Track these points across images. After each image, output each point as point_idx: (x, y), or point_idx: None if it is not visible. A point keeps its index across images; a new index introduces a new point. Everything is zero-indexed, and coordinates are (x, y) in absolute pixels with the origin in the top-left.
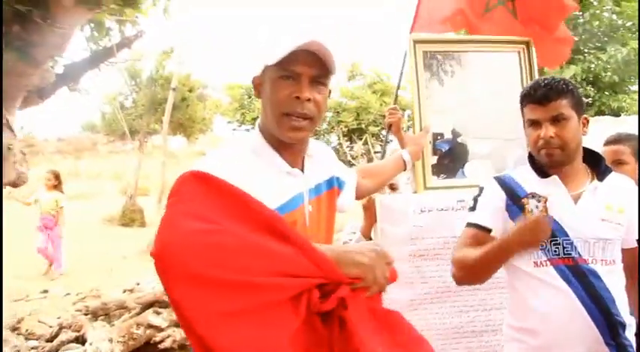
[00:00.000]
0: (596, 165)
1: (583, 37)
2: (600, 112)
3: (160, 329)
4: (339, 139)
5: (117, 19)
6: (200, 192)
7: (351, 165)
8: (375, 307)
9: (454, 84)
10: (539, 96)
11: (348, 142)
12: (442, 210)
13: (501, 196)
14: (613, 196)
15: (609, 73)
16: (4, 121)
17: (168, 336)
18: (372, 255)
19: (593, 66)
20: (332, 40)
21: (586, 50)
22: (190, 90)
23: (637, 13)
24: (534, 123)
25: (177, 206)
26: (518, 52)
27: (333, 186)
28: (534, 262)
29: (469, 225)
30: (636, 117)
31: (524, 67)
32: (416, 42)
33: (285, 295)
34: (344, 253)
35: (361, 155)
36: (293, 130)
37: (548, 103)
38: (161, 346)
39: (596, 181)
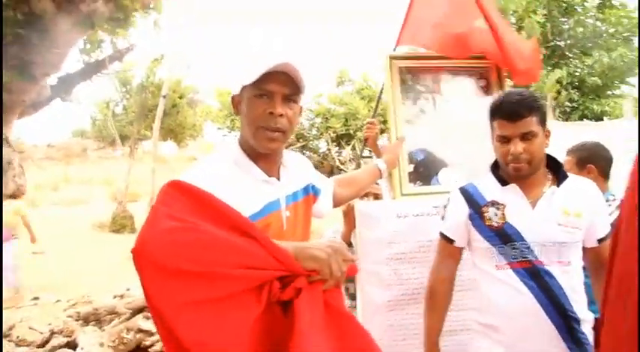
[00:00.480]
0: (557, 171)
1: (568, 42)
2: (584, 116)
3: (150, 334)
4: (327, 145)
5: (109, 33)
6: (177, 197)
7: (339, 170)
8: (331, 303)
9: (429, 97)
10: (510, 113)
11: (337, 148)
12: (418, 215)
13: (464, 206)
14: (571, 201)
15: (594, 78)
16: (3, 137)
17: (158, 341)
18: (328, 250)
19: (578, 71)
20: (308, 59)
21: (571, 55)
22: (181, 97)
23: (620, 21)
24: (504, 139)
25: (157, 208)
26: (491, 67)
27: (309, 193)
28: (496, 265)
29: (440, 233)
30: (618, 121)
31: (494, 82)
32: (392, 58)
33: (248, 285)
34: (303, 248)
35: (349, 160)
36: (268, 141)
37: (518, 120)
38: (151, 350)
39: (554, 187)
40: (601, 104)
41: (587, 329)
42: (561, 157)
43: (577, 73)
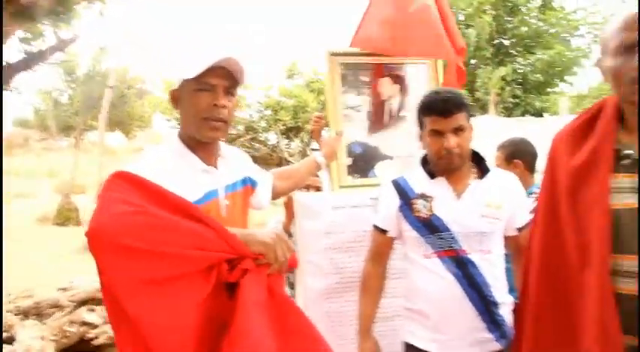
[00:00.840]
0: (480, 165)
1: (513, 41)
2: (526, 112)
3: (93, 326)
4: (277, 137)
5: (51, 25)
6: (125, 186)
7: (288, 162)
8: (274, 288)
9: (367, 93)
10: (443, 109)
11: (286, 140)
12: (354, 206)
13: (395, 199)
14: (493, 193)
15: (537, 75)
16: None
17: (102, 333)
18: (274, 236)
19: (521, 68)
20: (248, 51)
21: (515, 53)
22: (129, 88)
23: (559, 22)
24: (437, 133)
25: (106, 195)
26: (428, 64)
27: (247, 184)
28: (424, 254)
29: (373, 225)
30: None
31: (432, 77)
32: (332, 54)
33: (199, 266)
34: (250, 233)
35: (298, 153)
36: (212, 131)
37: (450, 116)
38: (95, 342)
39: (478, 180)
40: (542, 100)
41: (505, 311)
42: None
43: (520, 71)
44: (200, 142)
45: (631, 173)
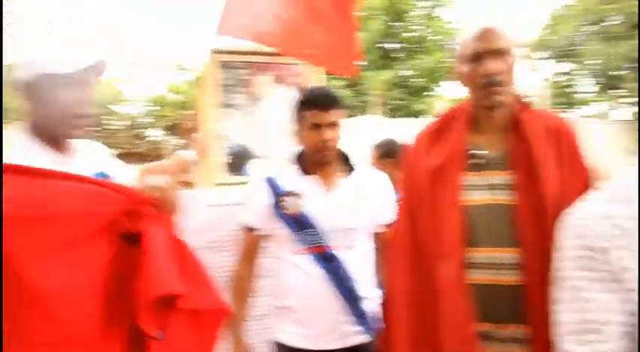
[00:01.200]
0: (347, 163)
1: (399, 46)
2: (410, 113)
3: None
4: (162, 133)
5: None
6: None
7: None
8: (173, 232)
9: (248, 90)
10: (324, 103)
11: (171, 136)
12: (227, 205)
13: (265, 196)
14: (360, 191)
15: (418, 79)
16: None
17: None
18: (165, 181)
19: (405, 72)
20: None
21: (400, 57)
22: None
23: (440, 30)
24: (316, 127)
25: None
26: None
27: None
28: (293, 251)
29: (242, 224)
30: (430, 119)
31: (313, 78)
32: (213, 52)
33: (98, 224)
34: (142, 180)
35: (181, 149)
36: (77, 128)
37: (330, 110)
38: None
39: (347, 178)
40: (422, 103)
41: (370, 305)
42: None
43: (404, 75)
44: (55, 137)
45: (480, 172)
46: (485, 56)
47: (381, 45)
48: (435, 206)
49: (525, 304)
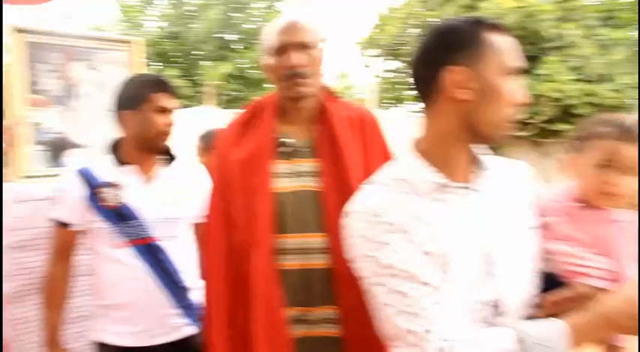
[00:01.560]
0: (167, 153)
1: (237, 37)
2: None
3: None
4: None
5: None
6: None
7: None
8: None
9: (62, 76)
10: (171, 87)
11: None
12: (41, 199)
13: (79, 188)
14: (180, 181)
15: (256, 72)
16: None
17: None
18: None
19: (242, 64)
20: None
21: (238, 48)
22: None
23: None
24: (164, 110)
25: None
26: (128, 53)
27: None
28: (113, 245)
29: (53, 219)
30: None
31: (131, 66)
32: (18, 31)
33: None
34: None
35: None
36: None
37: (174, 95)
38: None
39: (166, 168)
40: (260, 95)
41: (196, 296)
42: None
43: (241, 66)
44: None
45: (289, 160)
46: (289, 49)
47: (219, 36)
48: (246, 194)
49: (335, 286)
